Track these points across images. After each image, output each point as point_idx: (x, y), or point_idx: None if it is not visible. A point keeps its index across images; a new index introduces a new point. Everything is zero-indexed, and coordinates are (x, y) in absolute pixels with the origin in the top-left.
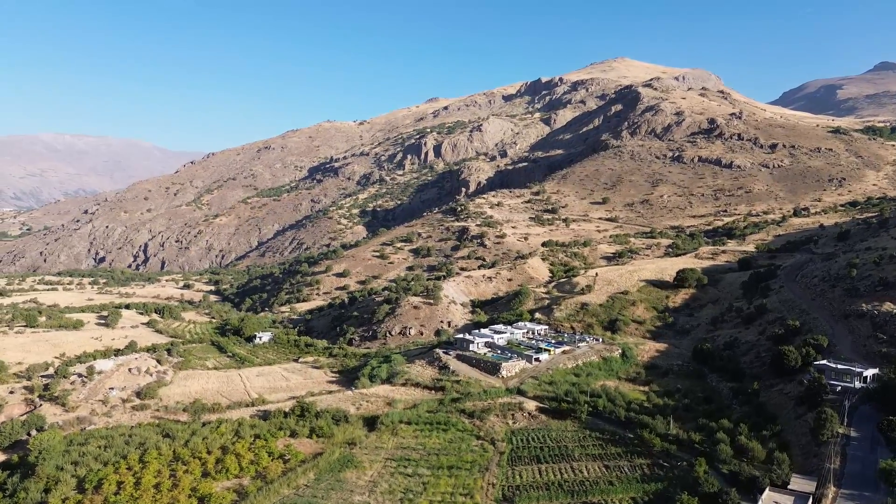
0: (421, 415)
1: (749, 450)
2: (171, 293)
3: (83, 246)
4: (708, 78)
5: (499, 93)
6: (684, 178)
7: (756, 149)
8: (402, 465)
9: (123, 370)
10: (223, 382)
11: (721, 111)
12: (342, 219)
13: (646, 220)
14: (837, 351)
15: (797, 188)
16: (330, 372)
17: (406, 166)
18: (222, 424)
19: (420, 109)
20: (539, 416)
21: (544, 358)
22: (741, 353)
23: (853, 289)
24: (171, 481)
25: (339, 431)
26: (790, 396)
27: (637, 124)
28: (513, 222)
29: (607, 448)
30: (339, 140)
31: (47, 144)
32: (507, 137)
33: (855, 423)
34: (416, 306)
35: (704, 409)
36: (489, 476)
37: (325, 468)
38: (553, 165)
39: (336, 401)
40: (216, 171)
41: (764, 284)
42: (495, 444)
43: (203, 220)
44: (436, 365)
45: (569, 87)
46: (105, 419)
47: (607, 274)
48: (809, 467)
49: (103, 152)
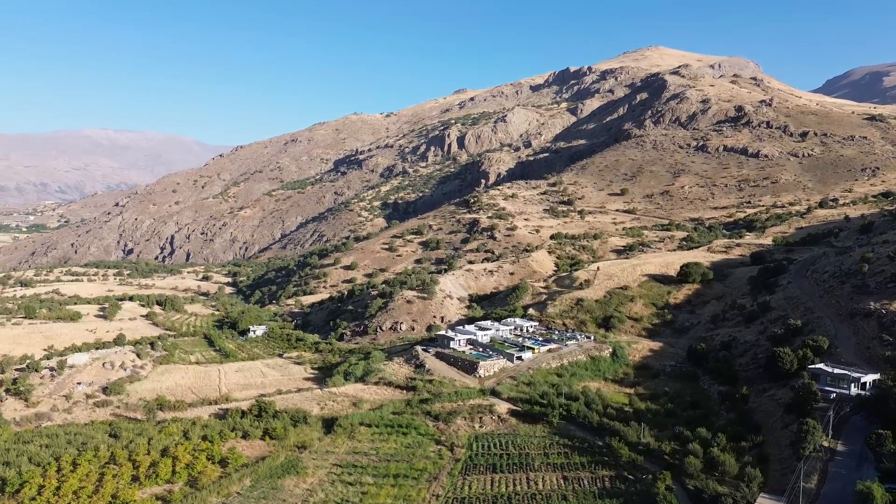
0: (384, 416)
1: (721, 463)
2: (189, 285)
3: (113, 238)
4: (746, 66)
5: (526, 83)
6: (707, 169)
7: (785, 137)
8: (347, 472)
9: (97, 365)
10: (199, 378)
11: (751, 98)
12: (363, 211)
13: (665, 212)
14: (838, 353)
15: (827, 178)
16: (310, 368)
17: (429, 158)
18: (172, 424)
19: (447, 101)
20: (509, 420)
21: (527, 357)
22: (738, 353)
23: (863, 285)
24: (94, 486)
25: (293, 433)
26: (781, 403)
27: (661, 113)
28: (525, 214)
29: (571, 457)
30: (366, 132)
31: (91, 140)
32: (531, 128)
33: (844, 436)
34: (409, 301)
35: (688, 415)
36: (436, 486)
37: (264, 474)
38: (575, 156)
39: (302, 400)
40: (243, 164)
41: (772, 280)
42: (454, 450)
43: (228, 213)
44: (412, 363)
45: (597, 77)
46: (64, 415)
47: (610, 268)
48: (786, 485)
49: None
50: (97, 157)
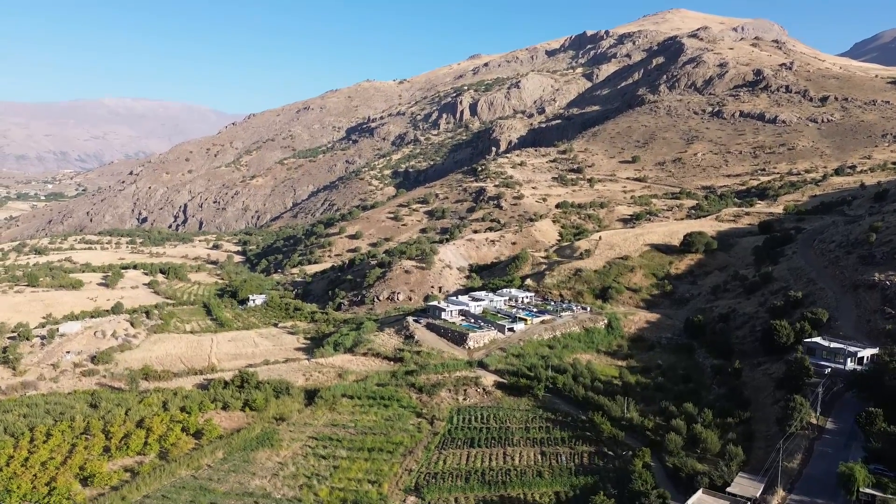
0: (367, 388)
1: (702, 440)
2: (199, 253)
3: (127, 206)
4: (770, 28)
5: (542, 48)
6: (722, 135)
7: (805, 102)
8: (322, 445)
9: (89, 334)
10: (191, 347)
11: (771, 62)
12: (373, 180)
13: (676, 180)
14: (837, 327)
15: (846, 144)
16: (303, 339)
17: (441, 126)
18: (153, 395)
19: (461, 67)
20: (494, 393)
21: (519, 328)
22: (736, 326)
23: (869, 256)
24: (63, 457)
25: (273, 405)
26: (773, 378)
27: (676, 77)
28: (533, 183)
29: (552, 432)
30: (378, 100)
31: (109, 108)
32: (545, 94)
33: (835, 413)
34: (407, 270)
35: (679, 389)
36: (410, 460)
37: (238, 446)
38: (587, 123)
39: (288, 370)
40: (256, 133)
41: (778, 250)
42: (433, 423)
43: (240, 182)
44: (402, 334)
45: (615, 41)
46: (51, 384)
47: (612, 237)
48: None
49: (161, 116)
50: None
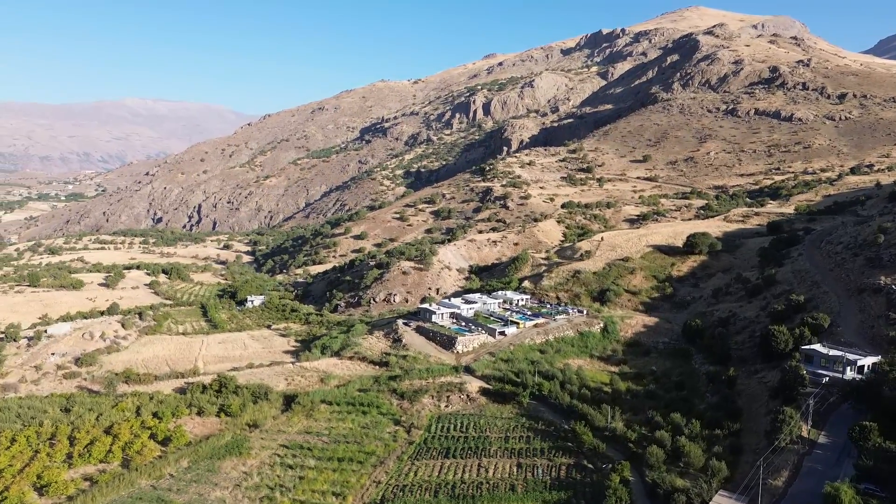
0: (347, 394)
1: (685, 454)
2: (209, 253)
3: (143, 206)
4: (791, 25)
5: (557, 47)
6: (736, 134)
7: (822, 99)
8: (291, 454)
9: (77, 335)
10: (179, 349)
11: (787, 59)
12: (385, 180)
13: (688, 180)
14: (838, 333)
15: (864, 143)
16: (293, 341)
17: (454, 125)
18: (129, 399)
19: (476, 66)
20: (478, 399)
21: (511, 332)
22: (735, 331)
23: (876, 258)
24: (21, 465)
25: (249, 411)
26: (768, 386)
27: (690, 75)
28: (542, 182)
29: (532, 442)
30: (393, 100)
31: (131, 109)
32: (559, 93)
33: (829, 426)
34: (405, 272)
35: (670, 397)
36: (380, 471)
37: (204, 454)
38: (599, 121)
39: (271, 374)
40: (271, 133)
41: (783, 252)
42: (411, 431)
43: (254, 182)
44: (391, 337)
45: (631, 39)
46: (31, 387)
47: (614, 238)
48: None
49: (182, 116)
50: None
